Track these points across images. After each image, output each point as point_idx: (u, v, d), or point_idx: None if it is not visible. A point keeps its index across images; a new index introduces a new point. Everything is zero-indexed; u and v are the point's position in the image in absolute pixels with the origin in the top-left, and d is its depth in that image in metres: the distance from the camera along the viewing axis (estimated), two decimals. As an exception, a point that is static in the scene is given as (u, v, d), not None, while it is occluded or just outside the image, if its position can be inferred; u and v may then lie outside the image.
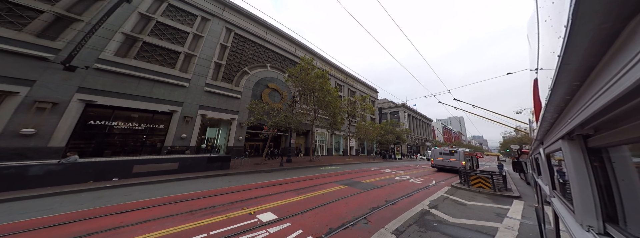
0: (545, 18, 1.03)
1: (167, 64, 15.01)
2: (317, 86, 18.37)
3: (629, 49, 0.54)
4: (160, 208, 5.41)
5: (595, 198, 1.15)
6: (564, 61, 0.71)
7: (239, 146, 19.41)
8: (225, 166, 11.96)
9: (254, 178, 10.15)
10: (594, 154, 1.22)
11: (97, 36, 11.48)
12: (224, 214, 5.16)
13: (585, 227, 1.15)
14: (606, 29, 0.54)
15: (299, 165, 16.06)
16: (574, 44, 0.62)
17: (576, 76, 0.82)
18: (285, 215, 5.38)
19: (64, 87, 10.20)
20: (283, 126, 15.72)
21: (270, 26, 25.31)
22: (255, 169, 12.53)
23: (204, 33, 18.22)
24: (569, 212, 1.53)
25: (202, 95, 16.78)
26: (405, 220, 5.41)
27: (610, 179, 1.07)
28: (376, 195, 8.04)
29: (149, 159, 8.85)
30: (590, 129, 1.11)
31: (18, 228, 4.07)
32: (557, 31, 0.71)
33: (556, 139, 1.60)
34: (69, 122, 10.14)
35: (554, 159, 2.44)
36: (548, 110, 1.31)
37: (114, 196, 6.31)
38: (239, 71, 21.09)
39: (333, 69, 36.52)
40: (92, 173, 7.32)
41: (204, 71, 17.26)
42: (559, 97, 1.06)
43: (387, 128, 34.90)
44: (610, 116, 0.84)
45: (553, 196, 2.23)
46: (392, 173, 15.09)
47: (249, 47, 22.79)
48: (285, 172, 12.83)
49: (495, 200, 8.12)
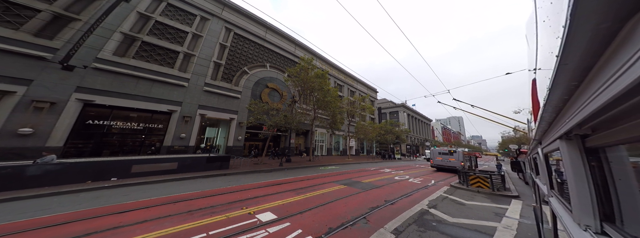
0: (543, 18, 1.04)
1: (166, 64, 14.96)
2: (316, 85, 18.35)
3: (626, 50, 0.54)
4: (159, 208, 5.39)
5: (592, 198, 1.16)
6: (562, 61, 0.72)
7: (239, 146, 19.38)
8: (225, 166, 11.93)
9: (253, 178, 10.13)
10: (591, 154, 1.23)
11: (95, 36, 11.41)
12: (223, 214, 5.15)
13: (583, 226, 1.16)
14: (604, 30, 0.55)
15: (299, 165, 16.04)
16: (572, 45, 0.63)
17: (574, 76, 0.82)
18: (285, 214, 5.37)
19: (62, 86, 10.14)
20: (283, 126, 15.69)
21: (270, 26, 25.26)
22: (255, 169, 12.50)
23: (203, 33, 18.16)
24: (566, 211, 1.55)
25: (202, 95, 16.74)
26: (404, 220, 5.42)
27: (607, 178, 1.08)
28: (375, 194, 8.03)
29: (147, 159, 8.82)
30: (588, 129, 1.12)
31: (17, 228, 4.04)
32: (556, 31, 0.72)
33: (554, 139, 1.61)
34: (66, 121, 10.08)
35: (552, 159, 2.46)
36: (546, 110, 1.32)
37: (113, 196, 6.29)
38: (239, 71, 21.04)
39: (333, 69, 36.50)
40: (90, 173, 7.28)
41: (203, 71, 17.21)
42: (557, 97, 1.07)
43: (387, 127, 34.93)
44: (607, 116, 0.85)
45: (551, 195, 2.25)
46: (391, 172, 15.09)
47: (248, 47, 22.74)
48: (285, 172, 12.80)
49: (494, 199, 8.14)
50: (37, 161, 6.85)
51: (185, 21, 17.09)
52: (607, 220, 1.08)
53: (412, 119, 59.92)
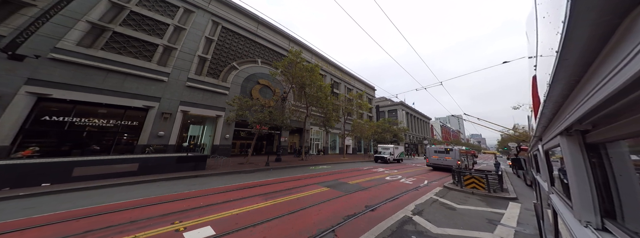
0: (543, 14, 1.05)
1: (142, 57, 13.52)
2: (306, 80, 16.84)
3: (626, 44, 0.53)
4: (55, 226, 3.88)
5: (593, 194, 1.13)
6: (562, 56, 0.71)
7: (226, 145, 17.95)
8: (201, 167, 10.46)
9: (227, 180, 8.66)
10: (592, 150, 1.20)
11: (54, 24, 10.00)
12: (135, 233, 3.66)
13: (584, 223, 1.12)
14: (603, 24, 0.53)
15: (288, 165, 14.56)
16: (572, 40, 0.62)
17: (574, 72, 0.81)
18: (229, 229, 3.96)
19: (8, 78, 8.74)
20: (268, 123, 14.21)
21: (262, 20, 23.73)
22: (237, 169, 11.05)
23: (186, 25, 16.71)
24: (567, 207, 1.49)
25: (184, 90, 15.31)
26: (379, 233, 4.16)
27: (608, 175, 1.05)
28: (358, 199, 6.60)
29: (94, 160, 7.35)
30: (588, 124, 1.10)
31: None
32: (555, 27, 0.71)
33: (554, 135, 1.59)
34: (14, 117, 8.68)
35: (554, 157, 2.32)
36: (546, 106, 1.30)
37: (11, 210, 4.68)
38: (227, 66, 19.60)
39: (330, 66, 34.96)
40: (12, 178, 5.84)
41: (186, 65, 15.78)
42: (557, 93, 1.06)
43: (384, 126, 33.25)
44: (608, 111, 0.82)
45: (551, 192, 2.17)
46: (384, 172, 13.57)
47: (238, 42, 21.27)
48: (270, 172, 11.35)
49: (489, 202, 7.02)
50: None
51: (166, 13, 15.63)
52: (608, 216, 1.04)
53: (411, 118, 58.14)
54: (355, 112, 35.34)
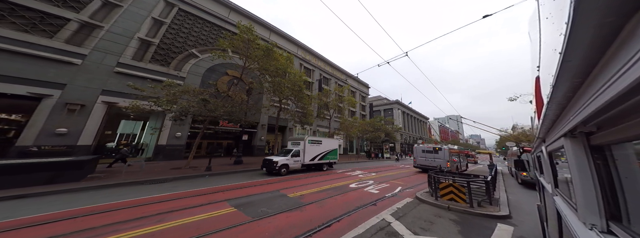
0: (546, 15, 1.01)
1: (38, 32, 10.17)
2: (269, 65, 13.43)
3: (631, 45, 0.51)
4: None
5: (598, 196, 1.08)
6: (565, 57, 0.68)
7: (176, 145, 14.53)
8: (75, 177, 6.88)
9: (111, 196, 5.40)
10: (596, 152, 1.15)
11: None
12: None
13: (588, 226, 1.08)
14: (607, 25, 0.51)
15: (243, 168, 11.17)
16: (575, 41, 0.59)
17: (578, 73, 0.78)
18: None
19: None
20: (202, 114, 10.76)
21: (234, 6, 20.48)
22: (154, 177, 7.76)
23: (123, 2, 13.43)
24: (571, 210, 1.46)
25: (110, 77, 11.99)
26: None
27: (613, 177, 1.00)
28: (264, 229, 3.59)
29: None
30: (593, 126, 1.06)
31: None
32: (559, 28, 0.69)
33: (558, 137, 1.55)
34: None
35: (560, 159, 2.16)
36: (550, 107, 1.26)
37: None
38: (183, 53, 16.27)
39: (318, 61, 31.62)
40: None
41: (116, 48, 12.46)
42: (560, 94, 1.02)
43: (376, 124, 29.65)
44: (613, 113, 0.79)
45: (555, 194, 2.11)
46: (357, 176, 10.35)
47: (201, 27, 17.98)
48: (205, 180, 8.07)
49: (466, 226, 4.40)
50: None
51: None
52: (613, 218, 1.00)
53: (408, 117, 54.46)
54: (345, 109, 31.80)
